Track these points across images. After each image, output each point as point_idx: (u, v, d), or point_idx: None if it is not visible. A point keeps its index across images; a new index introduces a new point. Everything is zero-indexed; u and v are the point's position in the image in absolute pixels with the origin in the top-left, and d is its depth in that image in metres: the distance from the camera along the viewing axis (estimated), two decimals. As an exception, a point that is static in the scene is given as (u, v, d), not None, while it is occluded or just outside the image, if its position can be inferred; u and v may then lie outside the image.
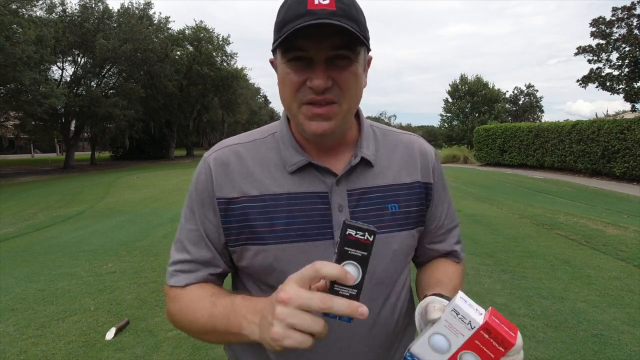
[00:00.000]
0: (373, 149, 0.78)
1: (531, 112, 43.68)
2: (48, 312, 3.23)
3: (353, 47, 0.65)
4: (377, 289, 0.75)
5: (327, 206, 0.72)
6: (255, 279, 0.76)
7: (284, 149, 0.75)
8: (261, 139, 0.78)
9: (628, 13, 17.82)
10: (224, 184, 0.73)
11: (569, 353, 2.53)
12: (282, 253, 0.70)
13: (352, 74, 0.67)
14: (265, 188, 0.72)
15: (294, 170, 0.73)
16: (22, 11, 16.30)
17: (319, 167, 0.73)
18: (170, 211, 7.65)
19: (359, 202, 0.74)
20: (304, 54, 0.64)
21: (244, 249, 0.73)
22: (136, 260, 4.59)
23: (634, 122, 12.20)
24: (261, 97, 59.62)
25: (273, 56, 0.72)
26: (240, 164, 0.74)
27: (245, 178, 0.73)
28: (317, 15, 0.61)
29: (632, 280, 3.76)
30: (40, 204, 9.31)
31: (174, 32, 28.29)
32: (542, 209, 7.45)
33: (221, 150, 0.77)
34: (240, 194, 0.72)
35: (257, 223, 0.71)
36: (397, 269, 0.77)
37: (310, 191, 0.73)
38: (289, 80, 0.66)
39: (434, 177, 0.83)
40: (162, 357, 2.55)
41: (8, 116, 20.90)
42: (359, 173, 0.75)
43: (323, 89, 0.64)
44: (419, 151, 0.82)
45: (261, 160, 0.75)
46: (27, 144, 34.17)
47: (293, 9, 0.63)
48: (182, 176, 14.87)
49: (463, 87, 36.48)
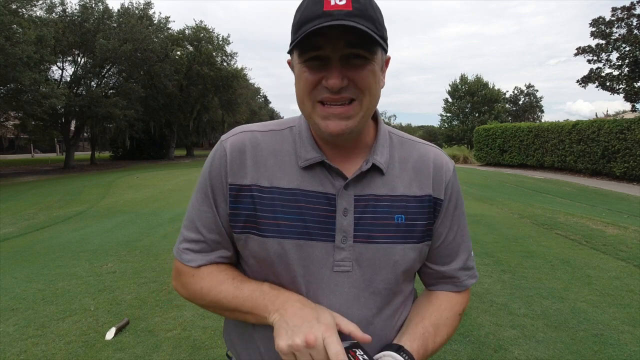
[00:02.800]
0: (387, 156, 0.77)
1: (531, 112, 43.65)
2: (48, 312, 3.23)
3: (369, 47, 0.65)
4: (372, 297, 0.74)
5: (333, 209, 0.72)
6: (254, 271, 0.77)
7: (299, 143, 0.75)
8: (279, 130, 0.78)
9: (628, 13, 17.81)
10: (237, 170, 0.73)
11: (569, 353, 2.53)
12: (281, 247, 0.71)
13: (369, 72, 0.66)
14: (275, 180, 0.73)
15: (306, 166, 0.73)
16: (22, 11, 16.29)
17: (331, 168, 0.73)
18: (170, 211, 7.65)
19: (366, 208, 0.73)
20: (319, 53, 0.65)
21: (248, 238, 0.73)
22: (136, 260, 4.59)
23: (634, 122, 12.20)
24: (261, 97, 59.62)
25: (290, 57, 0.72)
26: (256, 151, 0.75)
27: (259, 166, 0.74)
28: (333, 16, 0.62)
29: (632, 280, 3.76)
30: (40, 204, 9.30)
31: (174, 32, 28.27)
32: (542, 209, 7.45)
33: (239, 135, 0.77)
34: (251, 182, 0.73)
35: (263, 214, 0.72)
36: (396, 281, 0.75)
37: (318, 191, 0.73)
38: (304, 79, 0.67)
39: (446, 194, 0.79)
40: (162, 357, 2.55)
41: (8, 116, 20.90)
42: (369, 179, 0.75)
43: (338, 87, 0.64)
44: (433, 164, 0.79)
45: (276, 151, 0.75)
46: (27, 144, 34.15)
47: (310, 9, 0.64)
48: (182, 176, 14.87)
49: (463, 87, 36.46)
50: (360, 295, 0.73)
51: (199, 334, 2.81)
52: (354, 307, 0.72)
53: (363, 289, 0.73)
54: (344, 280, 0.72)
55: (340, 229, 0.72)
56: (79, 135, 24.21)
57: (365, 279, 0.73)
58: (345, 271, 0.72)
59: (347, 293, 0.72)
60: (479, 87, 35.67)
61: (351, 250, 0.72)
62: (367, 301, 0.73)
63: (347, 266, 0.72)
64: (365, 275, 0.73)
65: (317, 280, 0.72)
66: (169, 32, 26.69)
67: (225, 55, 30.77)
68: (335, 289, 0.72)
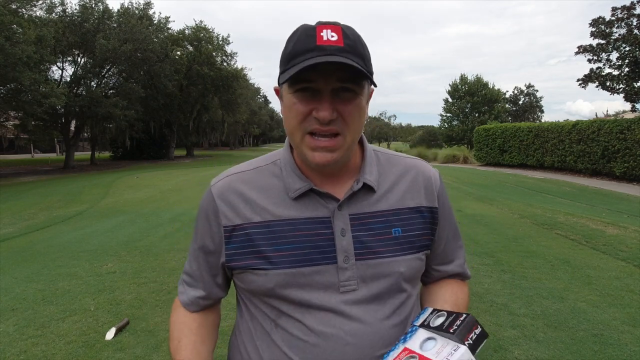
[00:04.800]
0: (376, 174, 0.79)
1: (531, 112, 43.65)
2: (48, 312, 3.23)
3: (358, 82, 0.69)
4: (381, 309, 0.75)
5: (330, 231, 0.74)
6: (256, 300, 0.78)
7: (286, 175, 0.77)
8: (264, 166, 0.81)
9: (628, 13, 17.82)
10: (228, 212, 0.76)
11: (569, 353, 2.53)
12: (283, 278, 0.72)
13: (356, 107, 0.70)
14: (268, 214, 0.75)
15: (297, 197, 0.75)
16: (22, 11, 16.29)
17: (321, 193, 0.75)
18: (170, 211, 7.65)
19: (362, 226, 0.75)
20: (311, 85, 0.68)
21: (249, 274, 0.75)
22: (136, 260, 4.59)
23: (634, 122, 12.20)
24: (261, 97, 59.66)
25: (278, 85, 0.75)
26: (244, 192, 0.77)
27: (249, 205, 0.76)
28: (325, 51, 0.65)
29: (632, 280, 3.76)
30: (40, 204, 9.31)
31: (174, 32, 28.27)
32: (542, 209, 7.45)
33: (225, 179, 0.80)
34: (244, 221, 0.75)
35: (260, 248, 0.73)
36: (400, 290, 0.77)
37: (312, 216, 0.74)
38: (296, 110, 0.69)
39: (439, 201, 0.83)
40: (162, 357, 2.55)
41: (8, 116, 20.90)
42: (361, 198, 0.76)
43: (329, 120, 0.67)
44: (422, 176, 0.83)
45: (264, 187, 0.77)
46: (27, 144, 34.15)
47: (302, 42, 0.67)
48: (182, 176, 14.88)
49: (463, 87, 36.47)
50: (369, 308, 0.74)
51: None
52: (365, 321, 0.73)
53: (370, 301, 0.74)
54: (352, 298, 0.73)
55: (341, 250, 0.73)
56: (79, 135, 24.21)
57: (373, 294, 0.74)
58: (352, 290, 0.73)
59: (357, 311, 0.73)
60: (479, 87, 35.67)
61: (354, 269, 0.73)
62: (376, 314, 0.74)
63: (353, 285, 0.73)
64: (372, 290, 0.74)
65: (325, 305, 0.72)
66: (169, 32, 26.68)
67: (225, 55, 30.77)
68: (345, 309, 0.72)
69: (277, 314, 0.74)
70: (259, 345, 0.76)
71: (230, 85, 30.61)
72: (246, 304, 0.81)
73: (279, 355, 0.73)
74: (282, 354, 0.72)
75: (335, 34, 0.67)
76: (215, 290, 0.83)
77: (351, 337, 0.71)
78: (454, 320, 0.66)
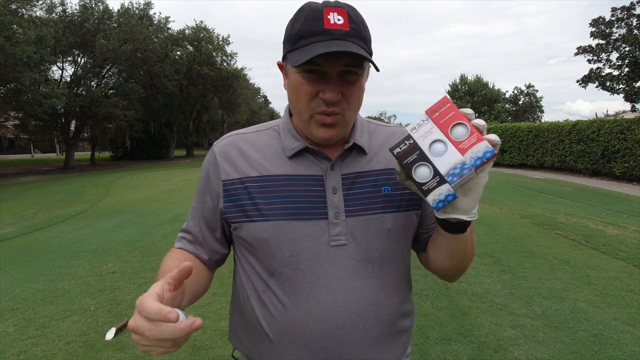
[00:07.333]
0: (367, 138, 0.84)
1: (531, 112, 43.67)
2: (48, 312, 3.23)
3: (362, 65, 0.73)
4: (370, 266, 0.77)
5: (322, 188, 0.78)
6: (251, 259, 0.81)
7: (284, 137, 0.83)
8: (264, 130, 0.87)
9: (628, 13, 17.83)
10: (227, 168, 0.81)
11: (569, 353, 2.53)
12: (277, 229, 0.76)
13: (357, 88, 0.74)
14: (264, 170, 0.80)
15: (292, 155, 0.80)
16: (22, 11, 16.30)
17: (315, 152, 0.80)
18: (170, 211, 7.65)
19: (353, 185, 0.79)
20: (318, 68, 0.71)
21: (244, 226, 0.78)
22: (136, 260, 4.59)
23: (634, 122, 12.20)
24: (261, 97, 59.64)
25: (282, 60, 0.78)
26: (244, 148, 0.83)
27: (248, 161, 0.81)
28: (333, 35, 0.69)
29: (632, 280, 3.76)
30: (40, 204, 9.31)
31: (174, 32, 28.27)
32: (542, 209, 7.45)
33: (227, 139, 0.86)
34: (241, 175, 0.80)
35: (256, 201, 0.78)
36: (391, 248, 0.80)
37: (306, 174, 0.79)
38: (304, 91, 0.73)
39: None
40: (162, 357, 2.55)
41: (8, 116, 20.92)
42: (352, 159, 0.81)
43: (335, 101, 0.72)
44: None
45: (263, 146, 0.83)
46: (27, 144, 34.18)
47: (309, 24, 0.70)
48: (182, 176, 14.88)
49: (463, 87, 36.51)
50: (358, 265, 0.77)
51: (199, 334, 2.80)
52: (353, 277, 0.76)
53: (360, 259, 0.77)
54: (342, 254, 0.76)
55: (331, 206, 0.77)
56: (79, 135, 24.21)
57: (362, 250, 0.77)
58: (342, 244, 0.76)
59: (346, 265, 0.76)
60: (478, 87, 35.72)
61: (344, 224, 0.77)
62: (365, 271, 0.77)
63: (342, 240, 0.77)
64: (361, 246, 0.77)
65: (315, 257, 0.76)
66: (169, 32, 26.70)
67: (225, 55, 30.77)
68: (335, 263, 0.76)
69: (269, 274, 0.77)
70: (254, 304, 0.79)
71: (230, 85, 30.61)
72: (242, 265, 0.83)
73: (274, 311, 0.76)
74: (277, 310, 0.76)
75: (342, 17, 0.70)
76: (214, 245, 0.86)
77: (340, 294, 0.74)
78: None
